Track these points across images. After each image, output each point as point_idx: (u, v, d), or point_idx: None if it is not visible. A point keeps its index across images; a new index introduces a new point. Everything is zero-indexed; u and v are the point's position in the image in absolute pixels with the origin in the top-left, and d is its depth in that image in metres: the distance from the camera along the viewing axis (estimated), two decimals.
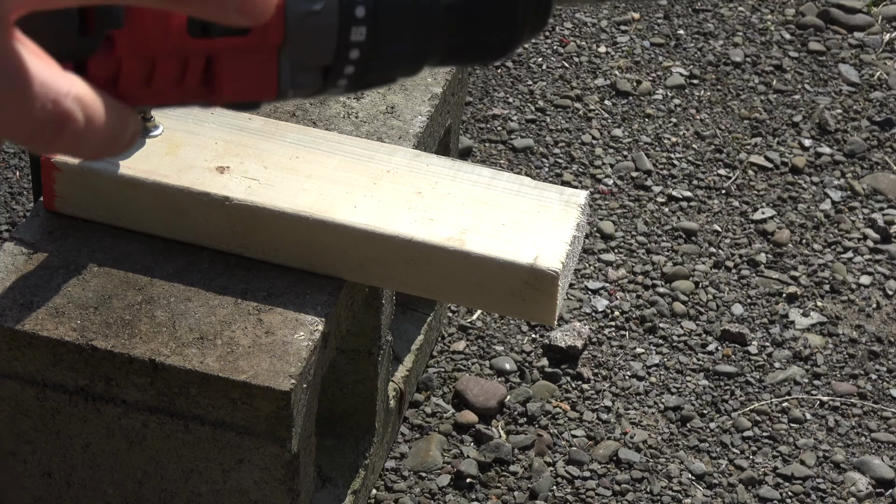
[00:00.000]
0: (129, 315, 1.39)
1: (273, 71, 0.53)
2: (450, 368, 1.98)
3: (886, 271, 2.20)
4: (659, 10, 2.77)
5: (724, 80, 2.59)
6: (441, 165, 1.50)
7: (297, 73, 0.53)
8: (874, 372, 2.04)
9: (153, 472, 1.43)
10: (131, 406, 1.38)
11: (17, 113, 0.47)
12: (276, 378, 1.32)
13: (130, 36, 0.51)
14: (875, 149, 2.45)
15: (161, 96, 0.53)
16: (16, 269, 1.43)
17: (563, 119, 2.46)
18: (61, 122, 0.48)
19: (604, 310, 2.10)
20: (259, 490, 1.40)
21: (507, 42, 0.58)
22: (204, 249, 1.47)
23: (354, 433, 1.69)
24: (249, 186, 1.45)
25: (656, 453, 1.89)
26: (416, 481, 1.83)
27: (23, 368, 1.39)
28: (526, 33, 0.59)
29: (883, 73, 2.63)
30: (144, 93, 0.52)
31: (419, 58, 0.56)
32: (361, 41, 0.53)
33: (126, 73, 0.51)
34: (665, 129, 2.46)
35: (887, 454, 1.92)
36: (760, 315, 2.11)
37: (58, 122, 0.48)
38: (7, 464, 1.48)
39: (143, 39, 0.51)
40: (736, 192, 2.34)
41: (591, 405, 1.95)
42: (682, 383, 1.99)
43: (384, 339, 1.63)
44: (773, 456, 1.91)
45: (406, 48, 0.55)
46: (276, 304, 1.41)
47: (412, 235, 1.42)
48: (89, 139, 0.49)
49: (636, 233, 2.24)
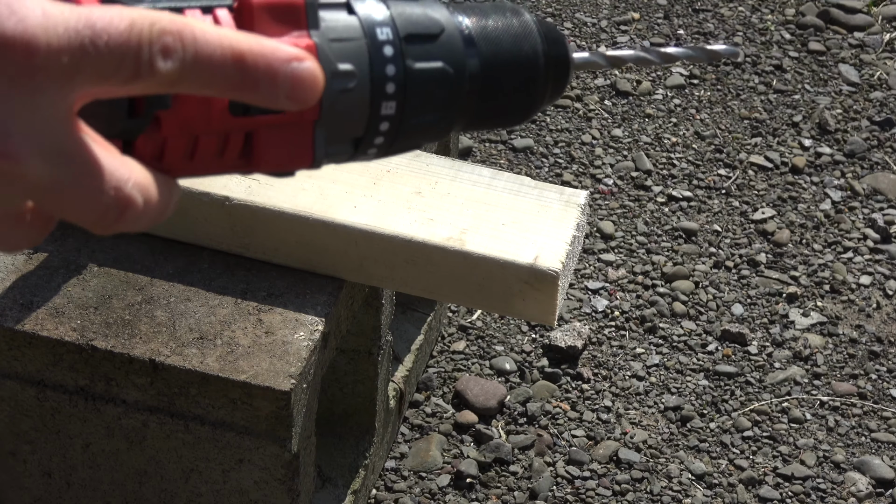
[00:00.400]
0: (129, 315, 1.39)
1: (308, 143, 0.56)
2: (450, 368, 1.98)
3: (886, 271, 2.20)
4: (659, 10, 2.77)
5: (724, 80, 2.59)
6: (441, 165, 1.50)
7: (331, 144, 0.57)
8: (874, 372, 2.04)
9: (153, 472, 1.43)
10: (131, 406, 1.38)
11: (83, 200, 0.50)
12: (276, 378, 1.32)
13: (176, 116, 0.53)
14: (875, 149, 2.45)
15: (202, 168, 0.56)
16: (16, 268, 1.43)
17: (563, 119, 2.46)
18: (123, 207, 0.51)
19: (604, 310, 2.10)
20: (259, 490, 1.40)
21: (529, 107, 0.62)
22: (204, 249, 1.47)
23: (354, 433, 1.69)
24: (249, 186, 1.45)
25: (656, 453, 1.89)
26: (416, 481, 1.83)
27: (23, 368, 1.39)
28: (547, 98, 0.62)
29: (883, 73, 2.63)
30: (187, 165, 0.55)
31: (445, 126, 0.60)
32: (391, 114, 0.57)
33: (171, 149, 0.54)
34: (665, 129, 2.46)
35: (887, 454, 1.92)
36: (760, 315, 2.11)
37: (120, 208, 0.51)
38: (7, 464, 1.48)
39: (189, 119, 0.54)
40: (736, 192, 2.34)
41: (591, 405, 1.95)
42: (682, 383, 1.99)
43: (384, 339, 1.63)
44: (773, 456, 1.91)
45: (433, 118, 0.59)
46: (276, 304, 1.41)
47: (412, 235, 1.41)
48: (145, 218, 0.52)
49: (636, 233, 2.24)
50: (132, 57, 0.49)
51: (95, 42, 0.49)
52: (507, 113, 0.62)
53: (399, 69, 0.57)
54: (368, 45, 0.56)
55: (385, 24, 0.57)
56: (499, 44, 0.60)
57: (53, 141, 0.49)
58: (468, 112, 0.60)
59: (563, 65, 0.63)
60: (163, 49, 0.50)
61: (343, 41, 0.56)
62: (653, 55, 0.68)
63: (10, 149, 0.48)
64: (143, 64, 0.49)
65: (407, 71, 0.57)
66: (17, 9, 0.48)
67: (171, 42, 0.50)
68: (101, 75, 0.49)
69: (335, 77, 0.55)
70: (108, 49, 0.49)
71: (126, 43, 0.49)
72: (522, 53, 0.61)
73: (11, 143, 0.48)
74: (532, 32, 0.61)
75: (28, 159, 0.49)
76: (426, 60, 0.58)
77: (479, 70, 0.60)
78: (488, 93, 0.60)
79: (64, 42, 0.48)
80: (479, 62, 0.60)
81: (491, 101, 0.61)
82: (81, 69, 0.49)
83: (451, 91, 0.59)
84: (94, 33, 0.48)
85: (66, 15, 0.48)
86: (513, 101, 0.62)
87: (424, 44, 0.58)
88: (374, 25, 0.57)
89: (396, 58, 0.57)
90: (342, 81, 0.56)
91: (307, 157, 0.56)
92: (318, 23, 0.55)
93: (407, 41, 0.57)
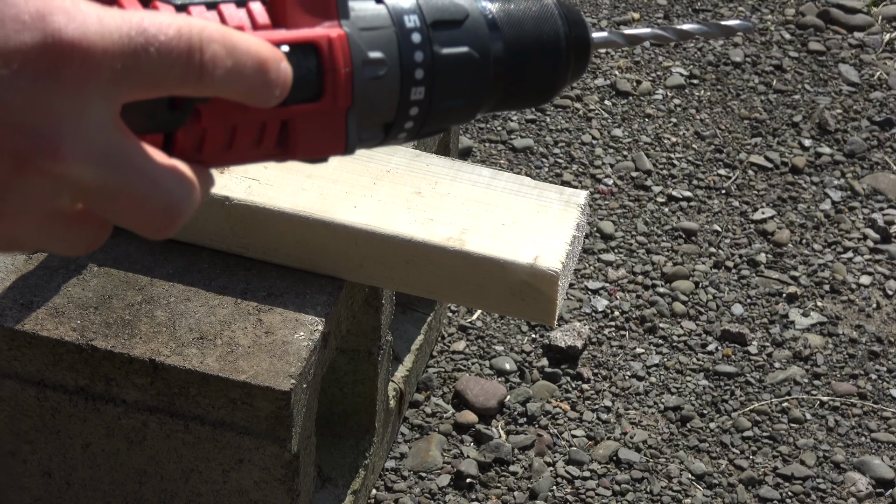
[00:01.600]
0: (129, 315, 1.39)
1: (342, 130, 0.58)
2: (450, 368, 1.98)
3: (886, 271, 2.20)
4: (659, 10, 2.77)
5: (724, 80, 2.59)
6: (441, 165, 1.50)
7: (363, 129, 0.59)
8: (874, 372, 2.04)
9: (153, 472, 1.43)
10: (131, 406, 1.38)
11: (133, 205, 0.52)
12: (276, 378, 1.32)
13: (215, 108, 0.55)
14: (875, 149, 2.45)
15: (239, 157, 0.57)
16: (16, 268, 1.43)
17: (563, 119, 2.46)
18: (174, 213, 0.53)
19: (604, 310, 2.10)
20: (259, 490, 1.40)
21: (552, 87, 0.64)
22: (204, 249, 1.47)
23: (354, 433, 1.69)
24: (249, 186, 1.45)
25: (656, 453, 1.89)
26: (416, 481, 1.83)
27: (23, 368, 1.39)
28: (569, 77, 0.65)
29: (883, 73, 2.63)
30: (224, 155, 0.57)
31: (472, 109, 0.62)
32: (420, 99, 0.59)
33: (210, 140, 0.56)
34: (665, 129, 2.46)
35: (887, 454, 1.92)
36: (760, 315, 2.11)
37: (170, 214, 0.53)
38: (7, 464, 1.48)
39: (227, 111, 0.55)
40: (736, 192, 2.34)
41: (591, 405, 1.95)
42: (682, 383, 1.99)
43: (384, 339, 1.63)
44: (773, 456, 1.90)
45: (460, 101, 0.61)
46: (276, 304, 1.41)
47: (412, 235, 1.41)
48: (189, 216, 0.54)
49: (636, 233, 2.24)
50: (182, 64, 0.51)
51: (147, 49, 0.50)
52: (531, 94, 0.64)
53: (427, 55, 0.59)
54: (397, 33, 0.58)
55: (412, 12, 0.59)
56: (521, 27, 0.62)
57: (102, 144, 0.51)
58: (494, 94, 0.62)
59: (584, 45, 0.65)
60: (212, 58, 0.52)
61: (373, 30, 0.57)
62: (669, 32, 0.70)
63: (61, 150, 0.49)
64: (193, 70, 0.51)
65: (435, 57, 0.59)
66: (74, 15, 0.49)
67: (217, 50, 0.52)
68: (150, 80, 0.51)
69: (366, 65, 0.57)
70: (158, 55, 0.50)
71: (175, 50, 0.51)
72: (544, 35, 0.63)
73: (63, 144, 0.49)
74: (553, 15, 0.63)
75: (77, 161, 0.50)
76: (453, 46, 0.60)
77: (504, 53, 0.62)
78: (513, 75, 0.62)
79: (118, 48, 0.50)
80: (503, 46, 0.62)
81: (515, 83, 0.63)
82: (132, 74, 0.50)
83: (477, 75, 0.60)
84: (146, 40, 0.50)
85: (119, 21, 0.50)
86: (536, 83, 0.64)
87: (450, 30, 0.60)
88: (402, 13, 0.58)
89: (424, 44, 0.59)
90: (373, 69, 0.57)
91: (340, 144, 0.58)
92: (347, 12, 0.57)
93: (434, 28, 0.59)
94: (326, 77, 0.57)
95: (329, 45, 0.56)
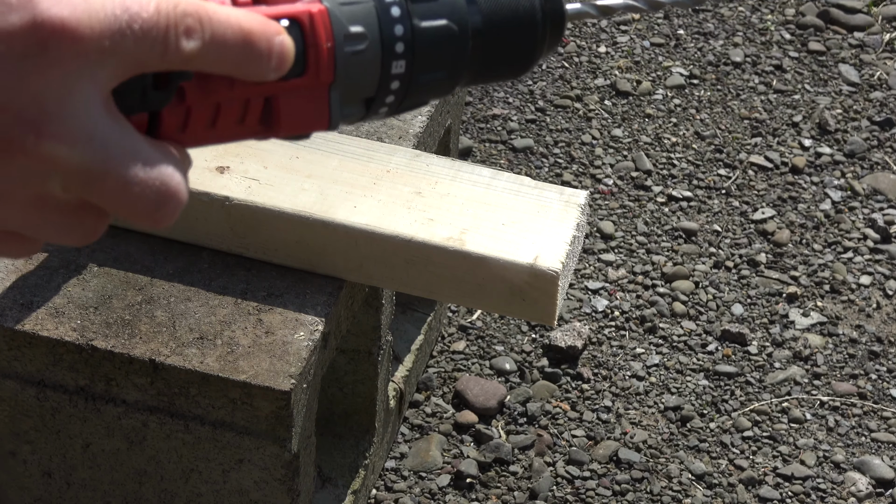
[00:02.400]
0: (129, 315, 1.39)
1: (325, 105, 0.58)
2: (450, 368, 1.98)
3: (886, 271, 2.20)
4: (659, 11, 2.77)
5: (724, 80, 2.59)
6: (441, 165, 1.50)
7: (345, 105, 0.59)
8: (874, 372, 2.04)
9: (153, 472, 1.43)
10: (131, 406, 1.38)
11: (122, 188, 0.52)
12: (276, 378, 1.32)
13: (199, 86, 0.55)
14: (875, 149, 2.45)
15: (223, 136, 0.58)
16: (16, 268, 1.43)
17: (563, 119, 2.46)
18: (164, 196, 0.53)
19: (604, 310, 2.10)
20: (259, 490, 1.40)
21: (529, 59, 0.65)
22: (204, 249, 1.47)
23: (354, 433, 1.69)
24: (249, 186, 1.45)
25: (656, 453, 1.89)
26: (416, 481, 1.83)
27: (23, 368, 1.39)
28: (545, 48, 0.65)
29: (883, 73, 2.63)
30: (209, 134, 0.57)
31: (452, 81, 0.62)
32: (401, 73, 0.60)
33: (194, 118, 0.56)
34: (665, 129, 2.46)
35: (887, 454, 1.92)
36: (760, 315, 2.11)
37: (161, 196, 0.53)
38: (7, 464, 1.48)
39: (211, 88, 0.56)
40: (736, 192, 2.34)
41: (591, 405, 1.95)
42: (682, 383, 1.99)
43: (384, 339, 1.63)
44: (773, 456, 1.90)
45: (440, 74, 0.61)
46: (276, 304, 1.41)
47: (412, 235, 1.41)
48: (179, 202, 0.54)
49: (636, 233, 2.24)
50: (161, 38, 0.51)
51: (131, 26, 0.51)
52: (509, 65, 0.65)
53: (407, 28, 0.59)
54: (377, 7, 0.58)
55: None
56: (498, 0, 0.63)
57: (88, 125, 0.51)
58: (472, 66, 0.63)
59: (559, 17, 0.66)
60: (186, 30, 0.52)
61: (352, 4, 0.58)
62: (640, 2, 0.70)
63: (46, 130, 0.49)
64: (171, 44, 0.52)
65: (414, 30, 0.59)
66: None
67: (192, 23, 0.52)
68: (135, 57, 0.51)
69: (347, 40, 0.58)
70: (141, 32, 0.51)
71: (156, 25, 0.51)
72: (521, 8, 0.63)
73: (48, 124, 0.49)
74: None
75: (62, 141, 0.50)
76: (431, 19, 0.60)
77: (481, 25, 0.62)
78: (490, 47, 0.63)
79: (105, 27, 0.50)
80: (480, 18, 0.62)
81: (493, 55, 0.64)
82: (118, 52, 0.51)
83: (456, 47, 0.61)
84: (129, 17, 0.51)
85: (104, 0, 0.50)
86: (514, 54, 0.64)
87: (429, 2, 0.60)
88: None
89: (404, 18, 0.59)
90: (354, 43, 0.58)
91: (324, 120, 0.59)
92: None
93: (412, 0, 0.59)
94: (309, 52, 0.57)
95: (311, 20, 0.57)
